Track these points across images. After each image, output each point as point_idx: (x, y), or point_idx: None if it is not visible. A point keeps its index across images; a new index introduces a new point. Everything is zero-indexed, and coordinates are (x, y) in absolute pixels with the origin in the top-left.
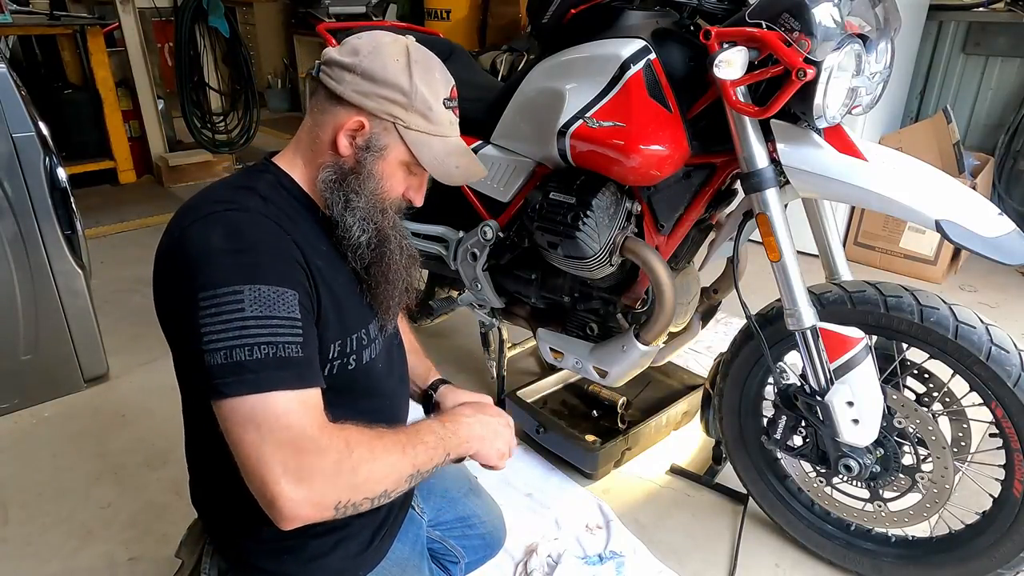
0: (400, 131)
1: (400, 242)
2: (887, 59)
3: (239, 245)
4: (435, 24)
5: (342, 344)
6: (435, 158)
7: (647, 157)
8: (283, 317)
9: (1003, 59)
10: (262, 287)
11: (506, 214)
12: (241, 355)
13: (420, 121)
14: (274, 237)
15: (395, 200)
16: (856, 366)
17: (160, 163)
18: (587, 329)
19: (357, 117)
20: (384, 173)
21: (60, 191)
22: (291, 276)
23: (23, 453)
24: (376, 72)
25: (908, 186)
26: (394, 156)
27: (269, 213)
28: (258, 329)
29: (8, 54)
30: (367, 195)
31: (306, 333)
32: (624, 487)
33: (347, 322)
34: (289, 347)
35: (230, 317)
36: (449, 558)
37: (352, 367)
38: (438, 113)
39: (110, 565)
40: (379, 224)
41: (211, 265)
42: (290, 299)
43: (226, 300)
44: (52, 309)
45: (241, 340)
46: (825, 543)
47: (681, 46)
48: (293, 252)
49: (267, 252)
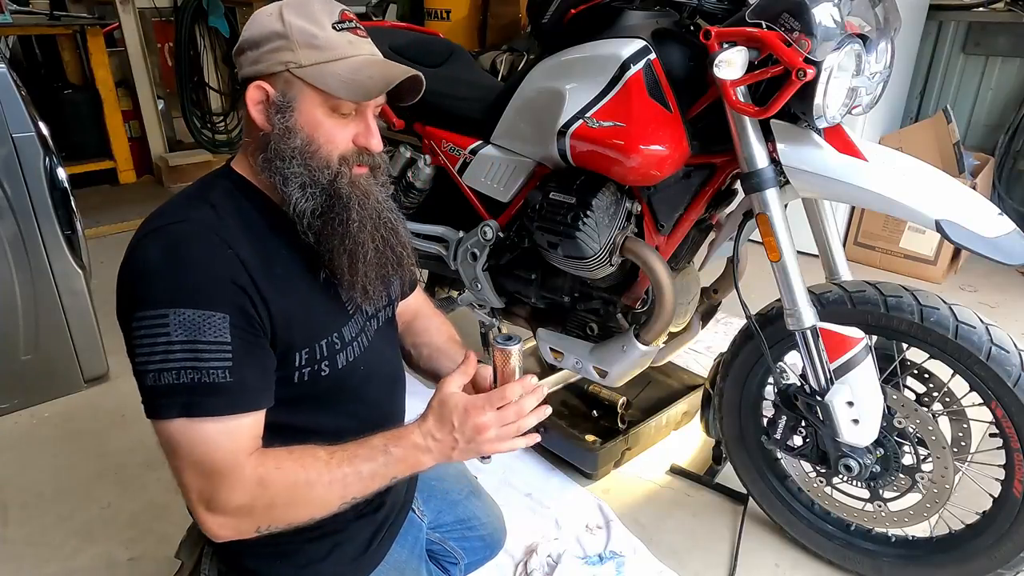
0: (297, 74)
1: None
2: (887, 59)
3: (171, 266)
4: (435, 24)
5: (310, 352)
6: (342, 81)
7: (647, 157)
8: (210, 342)
9: (1003, 59)
10: (187, 311)
11: (506, 214)
12: (168, 379)
13: (310, 53)
14: (211, 255)
15: (345, 152)
16: (856, 366)
17: (160, 163)
18: (587, 329)
19: (259, 85)
20: (307, 126)
21: (60, 191)
22: (222, 298)
23: (23, 453)
24: (254, 36)
25: (908, 186)
26: (307, 104)
27: (215, 226)
28: (183, 354)
29: (8, 54)
30: (299, 156)
31: (239, 356)
32: (624, 487)
33: (314, 328)
34: (215, 372)
35: (157, 340)
36: (449, 559)
37: (326, 373)
38: (327, 38)
39: (110, 565)
40: (328, 183)
41: (144, 286)
42: (218, 323)
43: (155, 323)
44: (52, 309)
45: (167, 364)
46: (825, 543)
47: (681, 46)
48: (231, 270)
49: (198, 273)
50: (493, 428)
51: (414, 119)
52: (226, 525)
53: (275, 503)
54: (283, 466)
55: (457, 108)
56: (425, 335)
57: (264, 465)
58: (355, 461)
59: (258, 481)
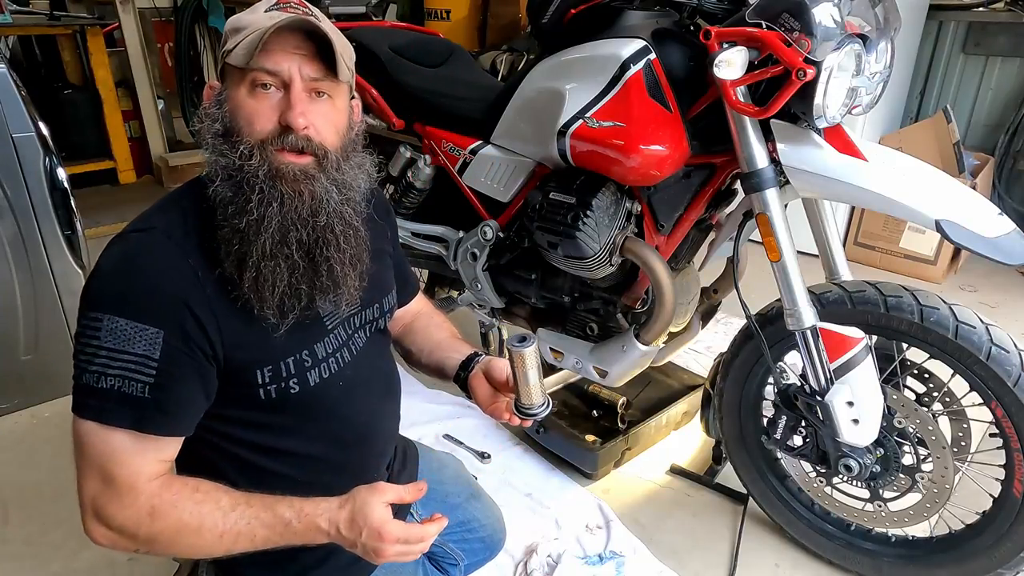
0: (228, 61)
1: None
2: (887, 59)
3: (120, 273)
4: (435, 24)
5: (273, 369)
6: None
7: (647, 157)
8: (136, 354)
9: (1003, 59)
10: (120, 320)
11: (506, 214)
12: (90, 380)
13: (234, 37)
14: (164, 269)
15: (269, 134)
16: (856, 366)
17: (160, 163)
18: (587, 329)
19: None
20: (232, 109)
21: (60, 191)
22: (162, 314)
23: (23, 453)
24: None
25: (908, 186)
26: (232, 88)
27: (178, 235)
28: (108, 360)
29: (8, 54)
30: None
31: (164, 376)
32: (624, 487)
33: (277, 346)
34: (134, 385)
35: (89, 341)
36: (448, 560)
37: (296, 391)
38: (251, 20)
39: (110, 565)
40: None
41: (94, 287)
42: (151, 337)
43: (90, 324)
44: (52, 309)
45: (92, 366)
46: (825, 543)
47: (681, 46)
48: (181, 286)
49: (142, 284)
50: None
51: (414, 119)
52: (106, 536)
53: (158, 537)
54: (180, 504)
55: (457, 108)
56: (425, 332)
57: (161, 497)
58: (253, 524)
59: (149, 511)
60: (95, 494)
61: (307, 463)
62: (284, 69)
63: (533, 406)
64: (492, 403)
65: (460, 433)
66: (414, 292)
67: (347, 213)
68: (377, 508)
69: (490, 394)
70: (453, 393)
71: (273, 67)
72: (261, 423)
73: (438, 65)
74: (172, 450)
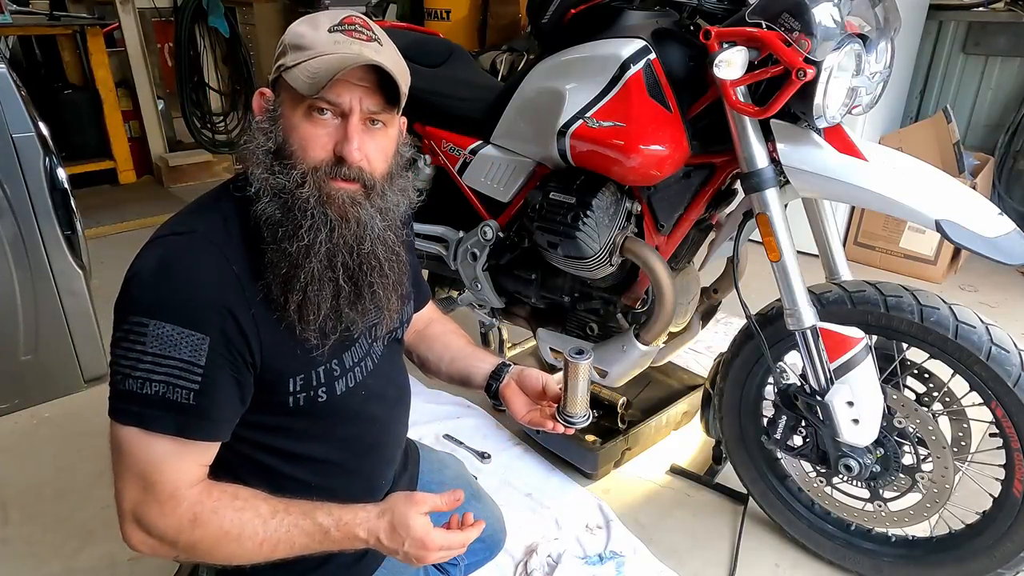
0: (284, 77)
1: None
2: (887, 59)
3: (164, 278)
4: (435, 24)
5: (305, 378)
6: (307, 76)
7: (647, 157)
8: (183, 360)
9: (1003, 59)
10: (167, 326)
11: (506, 214)
12: (133, 386)
13: (295, 54)
14: (207, 274)
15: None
16: (856, 366)
17: (160, 163)
18: (587, 329)
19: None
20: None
21: (60, 191)
22: (206, 320)
23: (23, 453)
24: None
25: (908, 186)
26: (287, 106)
27: (220, 240)
28: (153, 366)
29: (8, 54)
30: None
31: (209, 382)
32: (624, 487)
33: (311, 355)
34: (179, 391)
35: (132, 347)
36: (448, 561)
37: (324, 399)
38: (314, 38)
39: (110, 565)
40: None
41: (135, 292)
42: (197, 343)
43: (134, 330)
44: (52, 309)
45: (135, 372)
46: (825, 543)
47: (681, 46)
48: (224, 292)
49: (189, 291)
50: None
51: (414, 119)
52: (145, 543)
53: (198, 545)
54: (221, 512)
55: (457, 108)
56: (443, 340)
57: (203, 504)
58: (292, 532)
59: (192, 519)
60: (136, 501)
61: (322, 468)
62: (345, 101)
63: (578, 415)
64: (528, 412)
65: (460, 433)
66: (427, 299)
67: (389, 239)
68: (417, 519)
69: (525, 403)
70: (453, 393)
71: (335, 99)
72: (283, 428)
73: (438, 65)
74: (211, 455)
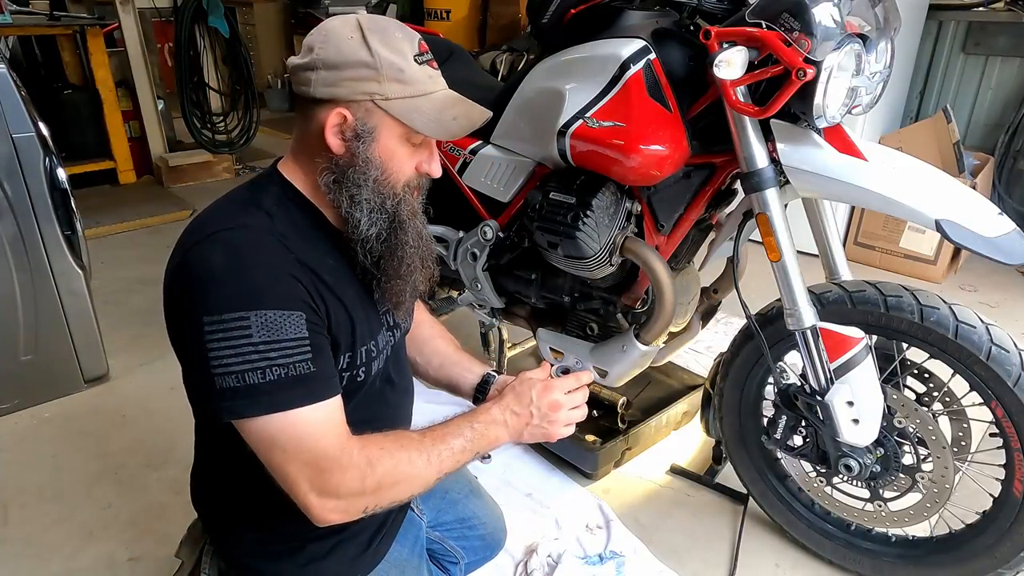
0: (382, 106)
1: (418, 230)
2: (887, 59)
3: (241, 269)
4: (435, 24)
5: (351, 356)
6: (428, 119)
7: (647, 157)
8: (291, 339)
9: (1003, 59)
10: (269, 312)
11: (506, 214)
12: (254, 378)
13: (396, 87)
14: (276, 259)
15: (409, 179)
16: (856, 366)
17: (160, 163)
18: (587, 329)
19: (336, 110)
20: (383, 156)
21: (60, 191)
22: (295, 297)
23: (23, 453)
24: (334, 58)
25: (908, 186)
26: (387, 135)
27: (273, 231)
28: (266, 352)
29: (8, 54)
30: (371, 185)
31: (316, 346)
32: (624, 487)
33: (357, 334)
34: (300, 365)
35: (239, 343)
36: (449, 559)
37: (360, 379)
38: (412, 72)
39: (110, 565)
40: (392, 212)
41: (214, 290)
42: (296, 320)
43: (233, 326)
44: (52, 309)
45: (253, 364)
46: (825, 543)
47: (681, 46)
48: (296, 272)
49: (269, 275)
50: (564, 409)
51: None
52: (336, 509)
53: (383, 483)
54: (385, 447)
55: None
56: (433, 344)
57: (368, 448)
58: (446, 438)
59: (367, 462)
60: (311, 475)
61: None
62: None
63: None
64: None
65: None
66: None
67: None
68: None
69: None
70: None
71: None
72: None
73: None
74: (342, 406)
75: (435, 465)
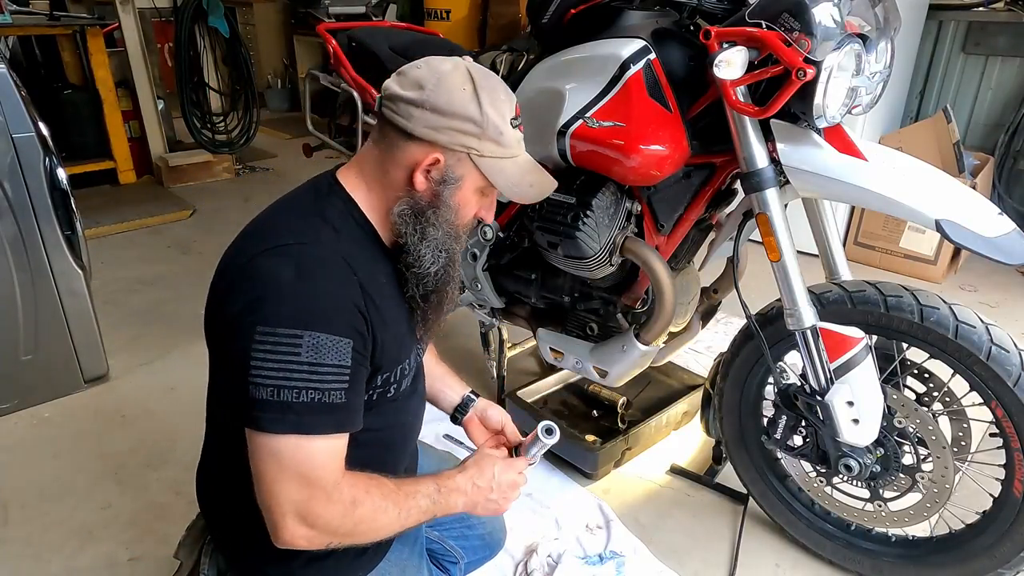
0: (475, 160)
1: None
2: (887, 59)
3: (306, 288)
4: (435, 24)
5: (388, 374)
6: (510, 181)
7: (647, 157)
8: (334, 365)
9: (1003, 59)
10: (321, 335)
11: (506, 214)
12: (288, 396)
13: (493, 147)
14: (341, 281)
15: (469, 224)
16: (856, 366)
17: (160, 163)
18: (587, 329)
19: (433, 154)
20: (460, 202)
21: (60, 191)
22: (350, 324)
23: (23, 453)
24: (444, 105)
25: (908, 186)
26: (469, 184)
27: (341, 249)
28: (309, 375)
29: (8, 54)
30: (444, 226)
31: (353, 378)
32: (624, 487)
33: (396, 353)
34: (334, 394)
35: (284, 358)
36: (448, 558)
37: (391, 395)
38: (508, 136)
39: (110, 565)
40: (452, 252)
41: (275, 303)
42: (344, 348)
43: (284, 341)
44: (52, 309)
45: (291, 382)
46: (825, 543)
47: (681, 46)
48: (356, 298)
49: (331, 299)
50: (518, 488)
51: None
52: (305, 537)
53: (358, 526)
54: (370, 491)
55: None
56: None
57: (356, 487)
58: (416, 496)
59: (351, 500)
60: (298, 499)
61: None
62: None
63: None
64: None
65: (460, 433)
66: None
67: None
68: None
69: (484, 435)
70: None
71: None
72: None
73: None
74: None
75: (402, 519)
